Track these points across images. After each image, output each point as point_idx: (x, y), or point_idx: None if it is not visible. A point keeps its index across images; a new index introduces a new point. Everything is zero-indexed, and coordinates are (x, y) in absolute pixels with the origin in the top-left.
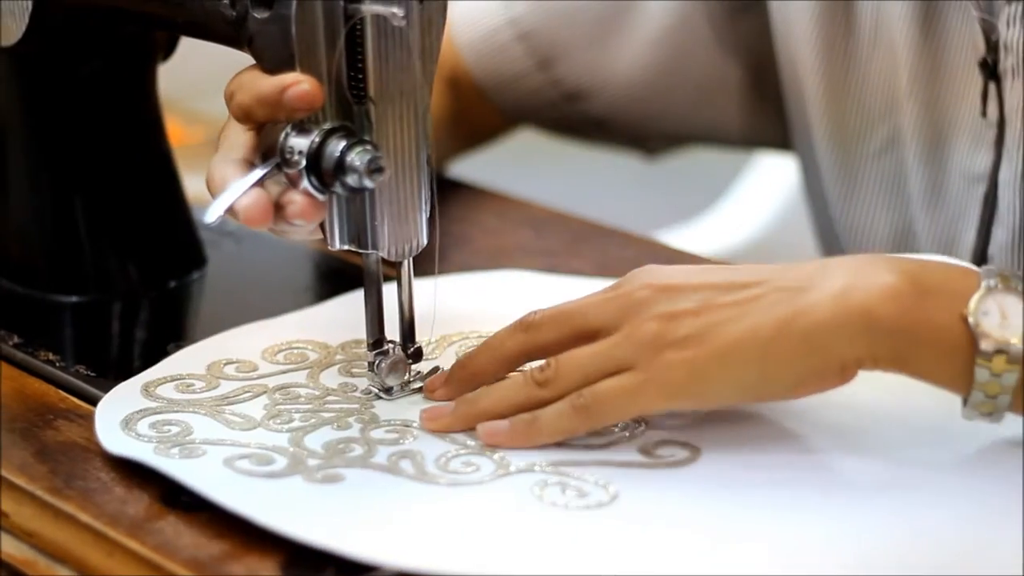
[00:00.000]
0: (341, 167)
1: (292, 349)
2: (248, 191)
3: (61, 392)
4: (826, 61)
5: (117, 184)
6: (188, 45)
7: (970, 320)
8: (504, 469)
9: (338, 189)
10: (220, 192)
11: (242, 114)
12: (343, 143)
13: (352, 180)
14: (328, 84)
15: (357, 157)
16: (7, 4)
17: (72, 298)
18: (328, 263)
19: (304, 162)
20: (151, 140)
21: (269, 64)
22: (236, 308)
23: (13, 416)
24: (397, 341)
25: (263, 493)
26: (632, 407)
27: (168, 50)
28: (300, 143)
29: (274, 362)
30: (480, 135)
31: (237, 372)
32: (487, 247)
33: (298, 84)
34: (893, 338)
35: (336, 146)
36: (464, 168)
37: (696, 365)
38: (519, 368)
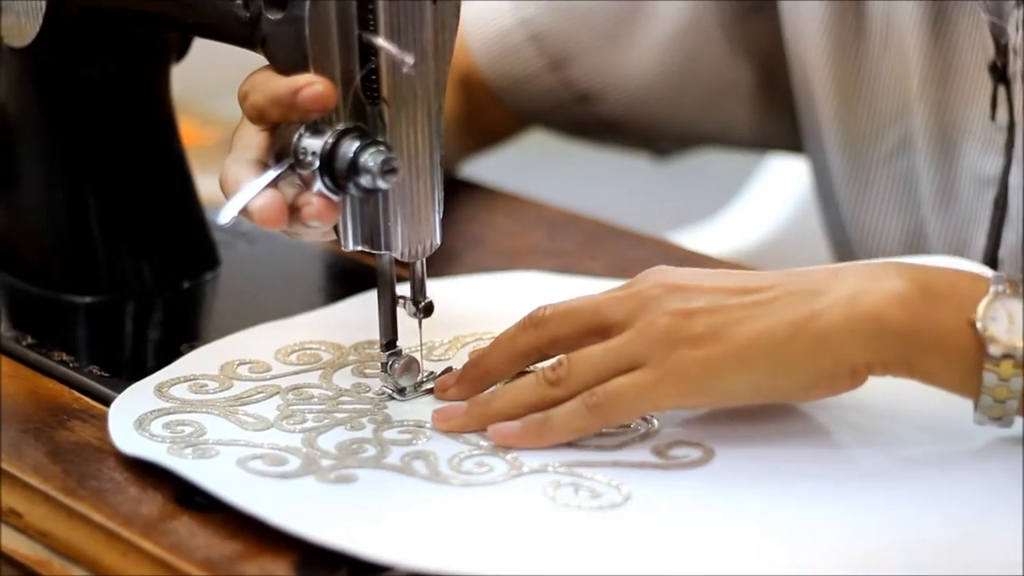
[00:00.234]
0: (355, 168)
1: (305, 350)
2: (262, 192)
3: (75, 392)
4: (837, 63)
5: (131, 185)
6: (202, 46)
7: (978, 325)
8: (517, 470)
9: (352, 190)
10: (234, 193)
11: (256, 115)
12: (357, 144)
13: (366, 181)
14: (341, 85)
15: (371, 158)
16: (21, 5)
17: (86, 299)
18: (341, 264)
19: (317, 163)
20: (165, 141)
21: (282, 65)
22: (250, 309)
23: (27, 416)
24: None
25: (276, 494)
26: (645, 404)
27: (182, 51)
28: (313, 144)
29: (287, 363)
30: (492, 136)
31: (250, 373)
32: (501, 248)
33: (312, 85)
34: (902, 343)
35: (350, 147)
36: (477, 169)
37: (710, 363)
38: (530, 367)
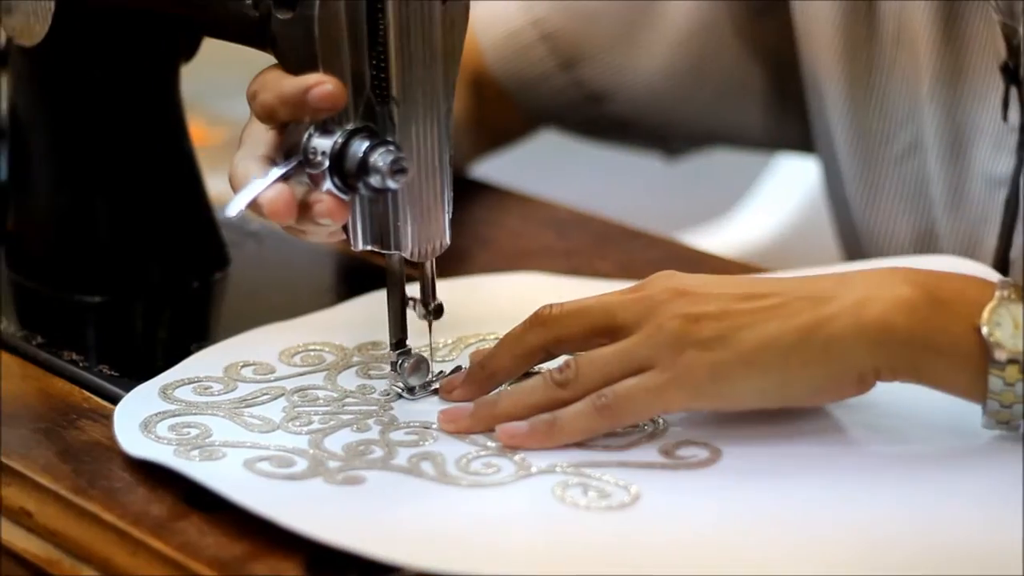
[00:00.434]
0: (364, 168)
1: (309, 351)
2: (271, 185)
3: (85, 392)
4: (848, 64)
5: (140, 185)
6: (211, 46)
7: (983, 331)
8: (525, 471)
9: (361, 190)
10: (242, 187)
11: (265, 114)
12: (366, 144)
13: (375, 181)
14: (351, 85)
15: (380, 158)
16: (30, 5)
17: (95, 298)
18: (350, 264)
19: (327, 163)
20: (174, 141)
21: (292, 65)
22: (259, 308)
23: (37, 416)
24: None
25: (285, 495)
26: (654, 406)
27: (191, 51)
28: (323, 144)
29: (291, 364)
30: (503, 137)
31: (254, 374)
32: (510, 248)
33: (321, 84)
34: (909, 349)
35: (359, 147)
36: (487, 169)
37: (719, 367)
38: (536, 367)
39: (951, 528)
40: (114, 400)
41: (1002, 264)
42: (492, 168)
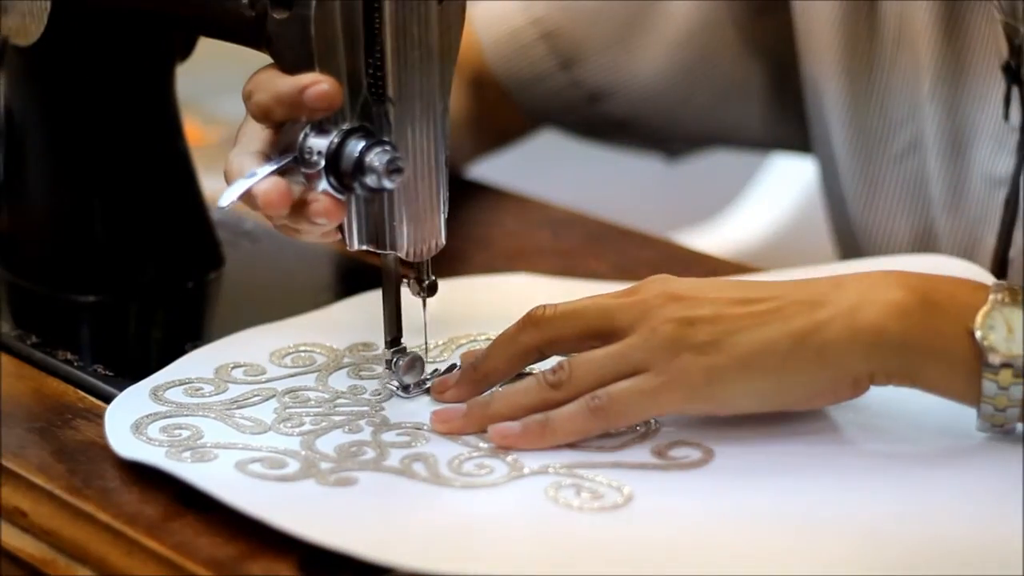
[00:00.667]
0: (360, 167)
1: (299, 352)
2: (266, 178)
3: (79, 392)
4: (849, 62)
5: (135, 184)
6: (206, 45)
7: (977, 334)
8: (518, 471)
9: (357, 190)
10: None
11: (260, 113)
12: (362, 143)
13: (371, 180)
14: (347, 84)
15: (376, 157)
16: (26, 5)
17: (90, 298)
18: (345, 263)
19: (323, 162)
20: (169, 140)
21: (288, 64)
22: (254, 308)
23: (32, 415)
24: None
25: (277, 496)
26: (649, 409)
27: (186, 50)
28: (319, 143)
29: (282, 365)
30: (503, 136)
31: (245, 376)
32: (505, 248)
33: (317, 84)
34: (903, 354)
35: (355, 146)
36: (482, 169)
37: (713, 371)
38: (529, 369)
39: (945, 527)
40: (109, 400)
41: (1001, 264)
42: (487, 168)
